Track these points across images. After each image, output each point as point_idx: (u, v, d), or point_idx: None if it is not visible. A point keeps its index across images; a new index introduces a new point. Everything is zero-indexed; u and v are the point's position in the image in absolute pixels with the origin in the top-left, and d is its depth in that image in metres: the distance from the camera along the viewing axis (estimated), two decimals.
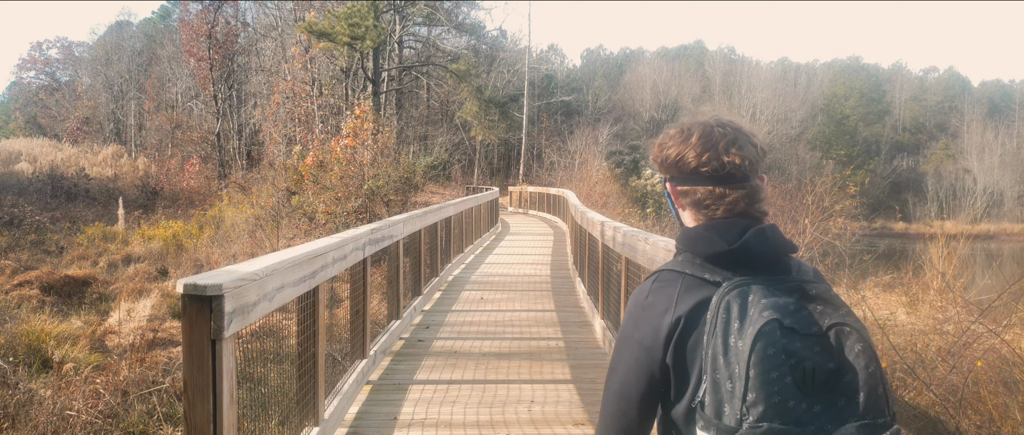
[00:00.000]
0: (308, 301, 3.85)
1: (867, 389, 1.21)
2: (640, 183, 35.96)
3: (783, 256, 1.38)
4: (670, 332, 1.34)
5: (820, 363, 1.21)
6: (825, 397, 1.20)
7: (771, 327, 1.21)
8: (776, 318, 1.22)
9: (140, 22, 61.85)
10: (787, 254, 1.39)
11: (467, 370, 5.89)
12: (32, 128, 51.37)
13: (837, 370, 1.21)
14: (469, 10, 42.83)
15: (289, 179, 21.96)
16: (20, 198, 26.31)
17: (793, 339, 1.21)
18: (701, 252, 1.37)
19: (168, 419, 6.09)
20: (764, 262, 1.35)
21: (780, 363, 1.19)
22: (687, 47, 74.39)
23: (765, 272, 1.33)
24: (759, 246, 1.35)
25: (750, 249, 1.34)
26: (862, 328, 1.26)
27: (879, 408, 1.21)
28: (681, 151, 1.44)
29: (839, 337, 1.24)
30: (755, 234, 1.36)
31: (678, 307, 1.35)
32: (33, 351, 8.02)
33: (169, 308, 11.29)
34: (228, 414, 2.59)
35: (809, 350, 1.21)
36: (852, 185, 14.87)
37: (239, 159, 37.77)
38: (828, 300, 1.29)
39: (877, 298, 9.55)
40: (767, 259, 1.35)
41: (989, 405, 5.11)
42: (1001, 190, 54.37)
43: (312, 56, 31.24)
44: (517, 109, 44.85)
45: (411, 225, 7.77)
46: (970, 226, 42.98)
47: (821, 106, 60.91)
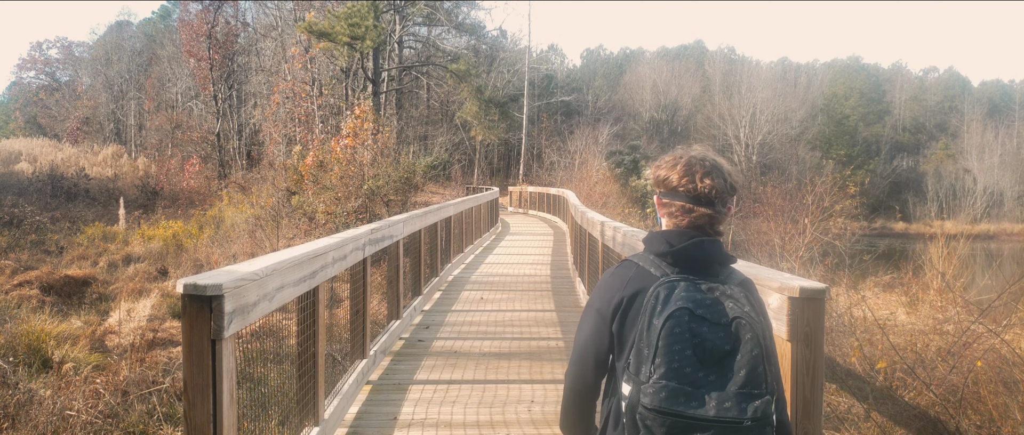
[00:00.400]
0: (308, 301, 3.85)
1: (749, 368, 1.63)
2: (640, 183, 35.94)
3: (715, 264, 1.78)
4: (616, 307, 1.79)
5: (718, 344, 1.64)
6: (718, 369, 1.62)
7: (681, 313, 1.64)
8: (688, 308, 1.65)
9: (140, 22, 61.91)
10: (720, 263, 1.79)
11: (467, 370, 5.89)
12: (32, 128, 51.36)
13: (731, 351, 1.64)
14: (469, 10, 42.84)
15: (289, 179, 21.95)
16: (20, 198, 26.31)
17: (701, 324, 1.64)
18: (652, 249, 1.83)
19: (168, 419, 6.09)
20: (697, 266, 1.77)
21: (684, 340, 1.62)
22: (687, 47, 74.39)
23: (697, 274, 1.75)
24: (695, 252, 1.77)
25: (687, 254, 1.76)
26: (756, 322, 1.67)
27: (757, 382, 1.63)
28: (669, 173, 1.87)
29: (738, 328, 1.66)
30: (693, 244, 1.77)
31: (625, 290, 1.79)
32: (33, 351, 8.02)
33: (169, 308, 11.29)
34: (228, 414, 2.59)
35: (713, 334, 1.64)
36: (852, 185, 14.85)
37: (239, 159, 37.76)
38: (737, 300, 1.70)
39: (877, 298, 9.55)
40: (700, 264, 1.77)
41: (989, 405, 5.11)
42: (1001, 190, 54.36)
43: (312, 56, 31.24)
44: (517, 109, 44.85)
45: (411, 225, 7.77)
46: (970, 226, 42.97)
47: (821, 106, 60.89)
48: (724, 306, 1.68)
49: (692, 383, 1.61)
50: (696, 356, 1.63)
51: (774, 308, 2.67)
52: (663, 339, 1.63)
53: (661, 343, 1.63)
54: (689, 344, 1.63)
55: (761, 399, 1.62)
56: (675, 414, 1.60)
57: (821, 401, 2.59)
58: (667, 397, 1.61)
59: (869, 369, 5.95)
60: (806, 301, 2.54)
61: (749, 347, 1.64)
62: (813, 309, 2.55)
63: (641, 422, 1.65)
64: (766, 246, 13.26)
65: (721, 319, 1.66)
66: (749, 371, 1.63)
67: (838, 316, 7.57)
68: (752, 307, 1.72)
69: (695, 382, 1.61)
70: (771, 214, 13.85)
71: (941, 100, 69.36)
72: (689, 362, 1.62)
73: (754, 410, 1.61)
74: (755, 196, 17.27)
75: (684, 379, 1.61)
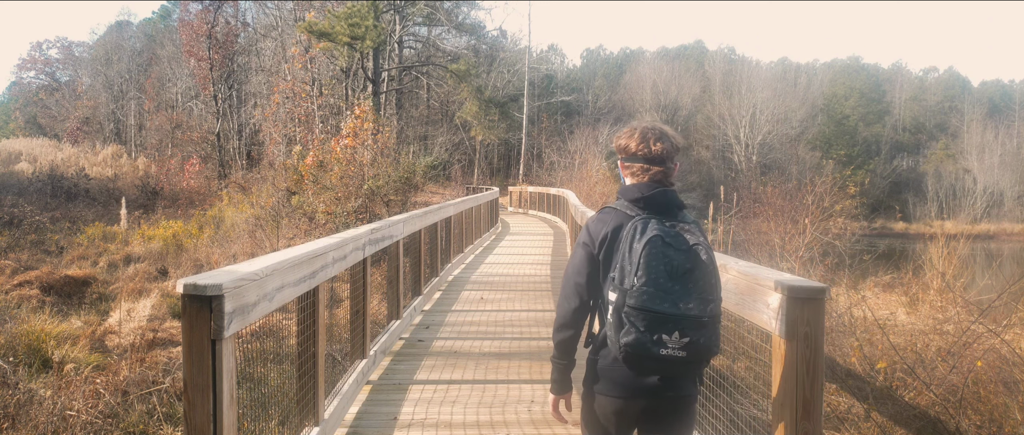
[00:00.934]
0: (308, 301, 3.85)
1: (704, 281, 2.23)
2: None
3: (673, 208, 2.38)
4: (603, 240, 2.38)
5: (682, 263, 2.23)
6: (682, 281, 2.21)
7: (656, 240, 2.23)
8: (660, 235, 2.25)
9: (140, 22, 61.92)
10: (677, 207, 2.39)
11: (467, 370, 5.89)
12: (32, 128, 51.38)
13: (691, 268, 2.23)
14: (469, 10, 42.84)
15: (289, 179, 21.95)
16: (20, 198, 26.29)
17: (668, 249, 2.23)
18: (627, 197, 2.41)
19: (168, 419, 6.09)
20: (661, 208, 2.37)
21: (658, 259, 2.21)
22: (687, 47, 74.40)
23: (661, 215, 2.35)
24: (660, 199, 2.38)
25: (655, 200, 2.38)
26: (709, 248, 2.29)
27: (710, 291, 2.24)
28: (628, 141, 2.49)
29: (696, 252, 2.26)
30: (659, 192, 2.39)
31: (608, 226, 2.39)
32: (33, 351, 8.01)
33: (169, 308, 11.29)
34: (228, 414, 2.59)
35: (678, 256, 2.23)
36: (852, 185, 14.85)
37: (239, 159, 37.76)
38: (693, 233, 2.30)
39: (877, 298, 9.54)
40: (663, 207, 2.37)
41: (989, 405, 5.11)
42: (1001, 190, 54.34)
43: (312, 56, 31.23)
44: (517, 109, 44.83)
45: (411, 225, 7.77)
46: (970, 226, 42.96)
47: (821, 106, 60.87)
48: (685, 237, 2.28)
49: (664, 290, 2.19)
50: (667, 271, 2.21)
51: (773, 308, 2.67)
52: (643, 258, 2.21)
53: (642, 261, 2.21)
54: (662, 262, 2.21)
55: (714, 303, 2.26)
56: (653, 311, 2.19)
57: (821, 401, 2.59)
58: (648, 299, 2.19)
59: (869, 369, 5.95)
60: (806, 301, 2.54)
61: (705, 265, 2.26)
62: (813, 309, 2.56)
63: (627, 318, 2.21)
64: (766, 246, 13.26)
65: (683, 246, 2.26)
66: (706, 283, 2.24)
67: (838, 316, 7.56)
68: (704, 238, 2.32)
69: (667, 289, 2.20)
70: (771, 214, 13.84)
71: (941, 100, 69.36)
72: (662, 275, 2.20)
73: (710, 310, 2.23)
74: (755, 196, 17.26)
75: (659, 287, 2.19)
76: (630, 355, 2.23)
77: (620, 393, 2.34)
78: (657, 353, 2.19)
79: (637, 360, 2.25)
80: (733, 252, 13.85)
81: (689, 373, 2.33)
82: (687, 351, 2.20)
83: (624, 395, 2.33)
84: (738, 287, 3.05)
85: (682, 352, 2.19)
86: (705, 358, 2.27)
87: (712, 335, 2.23)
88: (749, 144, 54.00)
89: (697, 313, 2.19)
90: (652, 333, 2.19)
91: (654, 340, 2.19)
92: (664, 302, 2.17)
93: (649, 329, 2.19)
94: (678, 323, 2.18)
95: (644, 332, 2.19)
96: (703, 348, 2.22)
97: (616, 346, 2.25)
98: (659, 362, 2.22)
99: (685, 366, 2.25)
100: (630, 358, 2.25)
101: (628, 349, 2.22)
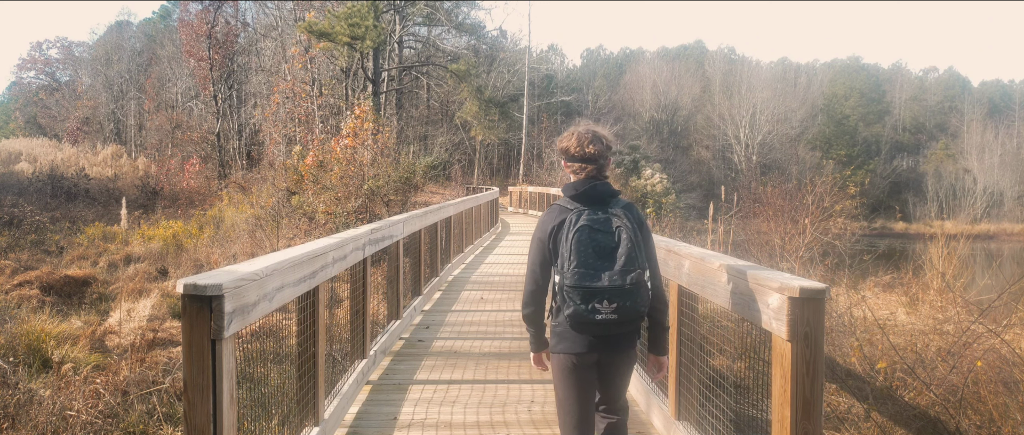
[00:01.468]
0: (308, 301, 3.85)
1: (625, 257, 2.71)
2: (640, 183, 35.93)
3: (607, 197, 2.85)
4: (551, 232, 2.84)
5: (607, 243, 2.73)
6: (608, 258, 2.72)
7: (584, 229, 2.74)
8: (588, 225, 2.75)
9: (140, 22, 61.89)
10: (609, 196, 2.85)
11: (467, 370, 5.89)
12: (32, 128, 51.36)
13: (615, 246, 2.73)
14: (469, 10, 42.80)
15: (289, 179, 21.95)
16: (20, 198, 26.28)
17: (596, 234, 2.74)
18: (567, 194, 2.90)
19: (168, 419, 6.09)
20: (594, 200, 2.84)
21: (586, 243, 2.72)
22: (687, 47, 74.39)
23: (594, 205, 2.83)
24: (591, 193, 2.85)
25: (587, 194, 2.85)
26: (630, 229, 2.75)
27: (632, 263, 2.71)
28: (567, 144, 2.97)
29: (619, 233, 2.75)
30: (590, 187, 2.86)
31: (554, 221, 2.85)
32: (33, 351, 8.01)
33: (169, 308, 11.29)
34: (228, 414, 2.59)
35: (604, 238, 2.74)
36: (852, 185, 14.85)
37: (239, 159, 37.75)
38: (619, 217, 2.79)
39: (877, 298, 9.54)
40: (596, 199, 2.84)
41: (989, 405, 5.11)
42: (1001, 190, 54.33)
43: (312, 56, 31.23)
44: (517, 109, 44.82)
45: (411, 225, 7.77)
46: (970, 226, 42.98)
47: (821, 106, 60.86)
48: (612, 221, 2.79)
49: (593, 267, 2.72)
50: (594, 252, 2.73)
51: (774, 308, 2.67)
52: (574, 245, 2.74)
53: (573, 247, 2.74)
54: (590, 245, 2.74)
55: (635, 272, 2.72)
56: (585, 287, 2.72)
57: (821, 401, 2.59)
58: (579, 278, 2.72)
59: (869, 369, 5.95)
60: (806, 301, 2.55)
61: (626, 243, 2.74)
62: (813, 309, 2.56)
63: (567, 295, 2.76)
64: (766, 246, 13.26)
65: (608, 229, 2.77)
66: (627, 257, 2.73)
67: (838, 316, 7.56)
68: (629, 220, 2.81)
69: (594, 266, 2.72)
70: (771, 214, 13.85)
71: (941, 100, 69.34)
72: (590, 256, 2.73)
73: (631, 278, 2.72)
74: (755, 196, 17.26)
75: (588, 266, 2.72)
76: (574, 323, 2.79)
77: (573, 350, 2.88)
78: (594, 319, 2.74)
79: (581, 326, 2.80)
80: (733, 252, 13.84)
81: (625, 331, 2.85)
82: (618, 314, 2.73)
83: (577, 351, 2.88)
84: (738, 287, 3.05)
85: (614, 315, 2.73)
86: (634, 318, 2.79)
87: (637, 299, 2.74)
88: (749, 144, 53.99)
89: (620, 283, 2.71)
90: (587, 304, 2.73)
91: (589, 309, 2.73)
92: (593, 279, 2.72)
93: (584, 301, 2.73)
94: (606, 293, 2.71)
95: (581, 304, 2.73)
96: (631, 310, 2.74)
97: (564, 317, 2.81)
98: (598, 325, 2.77)
99: (619, 326, 2.79)
100: (575, 325, 2.81)
101: (572, 319, 2.78)
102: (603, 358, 2.90)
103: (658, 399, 4.56)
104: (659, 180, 36.35)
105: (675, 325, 4.14)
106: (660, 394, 4.65)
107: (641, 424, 4.61)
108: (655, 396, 4.64)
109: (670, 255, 4.13)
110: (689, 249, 3.94)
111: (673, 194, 36.82)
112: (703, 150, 56.96)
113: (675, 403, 4.16)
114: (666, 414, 4.30)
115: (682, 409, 4.12)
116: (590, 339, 2.84)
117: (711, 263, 3.43)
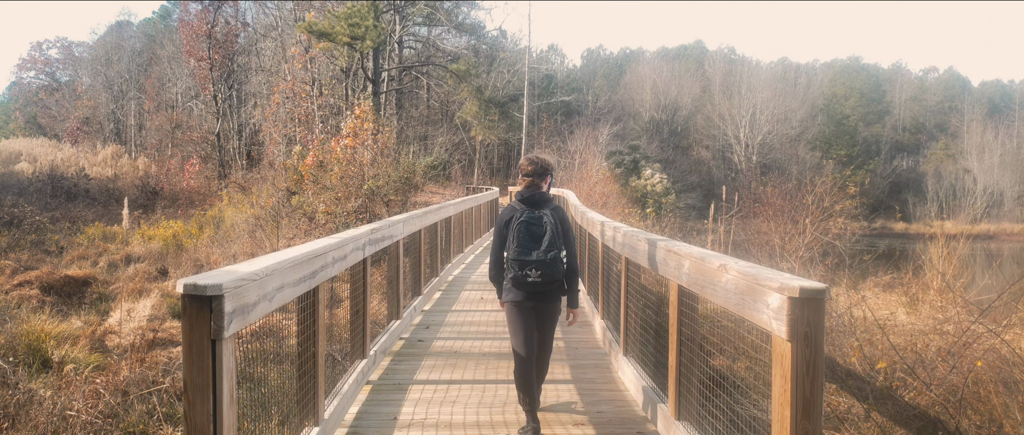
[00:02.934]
0: (308, 301, 3.85)
1: (549, 239, 4.26)
2: (640, 183, 35.94)
3: (541, 202, 4.37)
4: (505, 224, 4.36)
5: (537, 232, 4.28)
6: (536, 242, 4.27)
7: (522, 223, 4.30)
8: (525, 220, 4.30)
9: (140, 22, 61.88)
10: (544, 201, 4.38)
11: (467, 370, 5.90)
12: (32, 128, 51.36)
13: (541, 234, 4.27)
14: (469, 10, 42.79)
15: (289, 179, 21.95)
16: (20, 198, 26.27)
17: (530, 225, 4.29)
18: (518, 198, 4.44)
19: (168, 419, 6.09)
20: (533, 203, 4.37)
21: (524, 232, 4.28)
22: (687, 47, 74.38)
23: (533, 207, 4.36)
24: (531, 198, 4.39)
25: (528, 199, 4.40)
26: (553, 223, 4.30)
27: (553, 244, 4.26)
28: (522, 166, 4.46)
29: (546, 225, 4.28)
30: (530, 194, 4.40)
31: (507, 216, 4.38)
32: (33, 351, 8.01)
33: (169, 308, 11.29)
34: (228, 414, 2.59)
35: (535, 228, 4.29)
36: (852, 185, 14.84)
37: (239, 159, 37.73)
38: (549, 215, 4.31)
39: (877, 298, 9.54)
40: (534, 202, 4.38)
41: (989, 405, 5.10)
42: (1001, 190, 54.33)
43: (312, 56, 31.21)
44: (517, 109, 44.80)
45: (411, 225, 7.77)
46: (970, 226, 42.96)
47: (821, 106, 60.85)
48: (542, 218, 4.27)
49: (527, 248, 4.23)
50: (528, 237, 4.24)
51: (774, 308, 2.67)
52: (516, 232, 4.25)
53: (516, 234, 4.26)
54: (526, 234, 4.24)
55: (553, 251, 4.23)
56: (521, 259, 4.23)
57: (821, 401, 2.59)
58: (517, 253, 4.25)
59: (869, 369, 5.95)
60: (806, 301, 2.54)
61: (548, 232, 4.23)
62: (813, 309, 2.56)
63: (511, 265, 4.30)
64: (766, 246, 13.26)
65: (540, 223, 4.27)
66: (549, 241, 4.21)
67: (838, 316, 7.57)
68: (554, 218, 4.30)
69: (527, 246, 4.24)
70: (771, 214, 13.85)
71: (941, 100, 69.33)
72: (526, 239, 4.24)
73: (550, 255, 4.22)
74: (755, 196, 17.25)
75: (523, 246, 4.24)
76: (515, 283, 4.36)
77: (515, 300, 4.43)
78: (527, 280, 4.30)
79: (518, 284, 4.35)
80: (733, 252, 13.84)
81: (548, 288, 4.38)
82: (542, 278, 4.28)
83: (517, 301, 4.43)
84: (738, 287, 3.05)
85: (539, 278, 4.28)
86: (553, 280, 4.33)
87: (555, 269, 4.29)
88: (749, 144, 53.99)
89: (542, 258, 4.25)
90: (522, 270, 4.29)
91: (524, 274, 4.29)
92: (526, 254, 4.27)
93: (520, 268, 4.29)
94: (534, 264, 4.27)
95: (519, 270, 4.30)
96: (550, 276, 4.30)
97: (509, 279, 4.39)
98: (530, 284, 4.32)
99: (544, 285, 4.33)
100: (515, 284, 4.36)
101: (513, 280, 4.36)
102: (537, 305, 4.45)
103: (658, 399, 4.56)
104: (659, 180, 36.34)
105: (675, 325, 4.14)
106: (660, 394, 4.65)
107: (641, 424, 4.61)
108: (655, 396, 4.64)
109: (670, 255, 4.13)
110: (689, 249, 3.94)
111: (673, 194, 36.82)
112: (703, 150, 56.96)
113: (675, 403, 4.16)
114: (666, 414, 4.30)
115: (682, 409, 4.12)
116: (525, 293, 4.39)
117: (711, 263, 3.43)
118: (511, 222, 4.29)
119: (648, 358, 5.20)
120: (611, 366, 6.06)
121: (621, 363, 5.73)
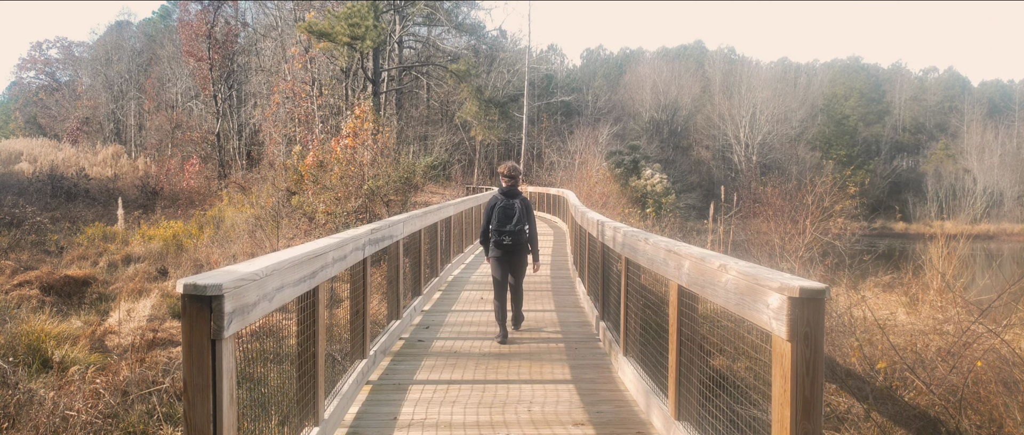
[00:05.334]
0: (308, 301, 3.85)
1: (517, 218, 7.07)
2: (640, 183, 35.93)
3: (513, 194, 7.17)
4: (491, 208, 7.17)
5: (509, 213, 7.10)
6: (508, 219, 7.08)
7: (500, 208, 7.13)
8: (503, 206, 7.13)
9: (140, 22, 61.92)
10: (516, 195, 7.17)
11: (467, 370, 5.90)
12: (32, 128, 51.37)
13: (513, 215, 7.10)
14: (469, 10, 42.82)
15: (289, 179, 21.95)
16: (20, 198, 26.27)
17: (505, 209, 7.11)
18: (499, 191, 7.24)
19: (168, 419, 6.09)
20: (509, 195, 7.16)
21: (501, 214, 7.11)
22: (687, 47, 74.39)
23: (508, 197, 7.16)
24: (508, 192, 7.19)
25: (506, 192, 7.19)
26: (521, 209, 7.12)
27: (519, 222, 7.08)
28: (501, 170, 7.32)
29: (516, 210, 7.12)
30: (508, 189, 7.20)
31: (493, 202, 7.21)
32: (33, 351, 8.01)
33: (169, 308, 11.29)
34: (228, 414, 2.59)
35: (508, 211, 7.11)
36: (852, 185, 14.83)
37: (239, 159, 37.73)
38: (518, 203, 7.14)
39: (877, 298, 9.54)
40: (509, 194, 7.17)
41: (989, 405, 5.10)
42: (1001, 190, 54.34)
43: (312, 56, 31.21)
44: (517, 109, 44.80)
45: (411, 225, 7.77)
46: (970, 226, 42.98)
47: (821, 106, 60.87)
48: (514, 205, 7.08)
49: (503, 222, 7.05)
50: (504, 216, 7.05)
51: (774, 308, 2.67)
52: (496, 214, 7.06)
53: (495, 214, 7.06)
54: (503, 215, 7.04)
55: (520, 224, 7.04)
56: (499, 230, 7.05)
57: (821, 401, 2.59)
58: (496, 226, 7.06)
59: (869, 369, 5.95)
60: (806, 301, 2.54)
61: (517, 213, 7.04)
62: (813, 309, 2.55)
63: (492, 233, 7.11)
64: (766, 246, 13.26)
65: (512, 208, 7.07)
66: (517, 219, 7.03)
67: (838, 316, 7.57)
68: (522, 205, 7.09)
69: (503, 222, 7.05)
70: (771, 214, 13.85)
71: (941, 100, 69.34)
72: (502, 218, 7.05)
73: (518, 228, 7.04)
74: (755, 196, 17.25)
75: (500, 223, 7.05)
76: (496, 245, 7.03)
77: (495, 255, 7.08)
78: (503, 242, 6.99)
79: (497, 245, 7.02)
80: (733, 252, 13.84)
81: (516, 248, 7.02)
82: (512, 241, 6.98)
83: (496, 256, 7.07)
84: (738, 287, 3.05)
85: (509, 242, 6.98)
86: (520, 243, 7.02)
87: (521, 236, 7.00)
88: (749, 144, 53.99)
89: (512, 229, 6.95)
90: (499, 237, 6.99)
91: (500, 238, 6.99)
92: (502, 227, 6.96)
93: (498, 235, 6.99)
94: (507, 233, 6.97)
95: (498, 238, 7.00)
96: (517, 240, 6.99)
97: (491, 242, 7.06)
98: (504, 246, 7.00)
99: (513, 246, 7.01)
100: (496, 246, 7.03)
101: (495, 243, 7.03)
102: (510, 259, 7.05)
103: (658, 399, 4.56)
104: (659, 180, 36.34)
105: (675, 325, 4.14)
106: (660, 394, 4.65)
107: (641, 424, 4.61)
108: (655, 396, 4.64)
109: (670, 255, 4.13)
110: (689, 249, 3.94)
111: (673, 194, 36.82)
112: (703, 150, 56.97)
113: (675, 403, 4.16)
114: (666, 414, 4.30)
115: (682, 409, 4.12)
116: (501, 251, 7.01)
117: (711, 263, 3.43)
118: (494, 207, 7.00)
119: (648, 358, 5.19)
120: (611, 366, 6.06)
121: (621, 363, 5.73)
